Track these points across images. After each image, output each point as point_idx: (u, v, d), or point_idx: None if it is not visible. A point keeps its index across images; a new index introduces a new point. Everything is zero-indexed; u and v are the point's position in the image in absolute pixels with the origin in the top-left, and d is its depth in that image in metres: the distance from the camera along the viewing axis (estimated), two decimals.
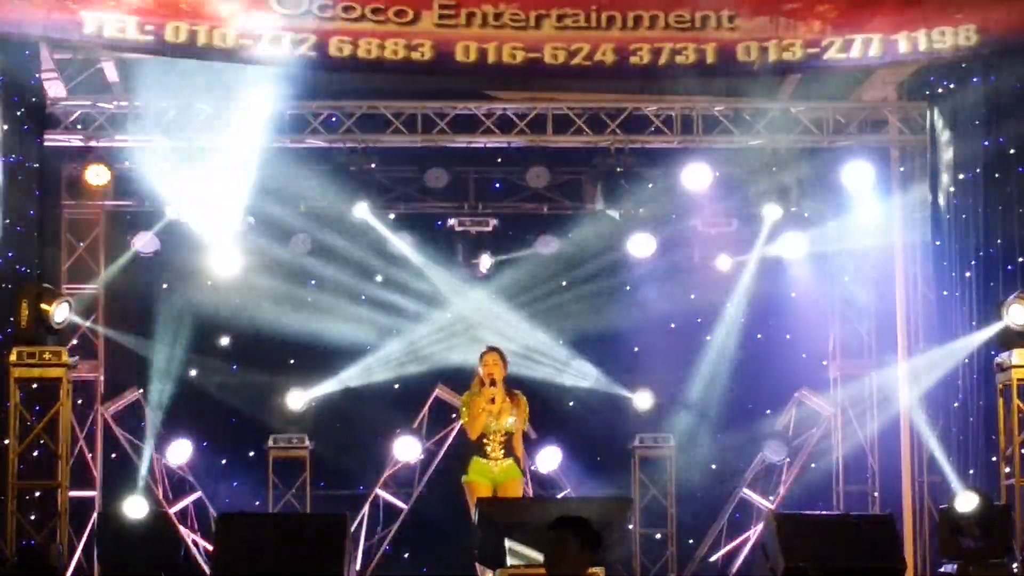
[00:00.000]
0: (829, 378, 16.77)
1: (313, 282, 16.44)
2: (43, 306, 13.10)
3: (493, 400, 12.14)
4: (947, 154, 14.85)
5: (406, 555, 16.47)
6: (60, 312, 13.21)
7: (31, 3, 12.70)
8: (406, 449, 16.24)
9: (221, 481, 16.25)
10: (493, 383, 12.16)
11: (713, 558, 16.43)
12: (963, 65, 14.03)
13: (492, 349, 12.47)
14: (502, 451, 12.20)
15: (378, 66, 13.17)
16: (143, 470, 15.72)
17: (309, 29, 12.88)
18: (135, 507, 12.84)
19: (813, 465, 16.58)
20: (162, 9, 12.76)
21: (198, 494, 16.07)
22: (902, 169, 16.13)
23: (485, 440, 12.21)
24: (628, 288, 16.76)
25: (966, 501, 12.52)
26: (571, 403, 16.68)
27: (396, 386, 16.57)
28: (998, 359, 13.17)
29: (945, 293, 14.75)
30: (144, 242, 15.90)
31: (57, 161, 15.45)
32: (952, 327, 14.58)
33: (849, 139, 15.87)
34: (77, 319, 14.46)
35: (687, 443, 16.50)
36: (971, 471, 14.09)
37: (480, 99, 15.52)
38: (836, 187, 15.99)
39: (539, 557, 7.25)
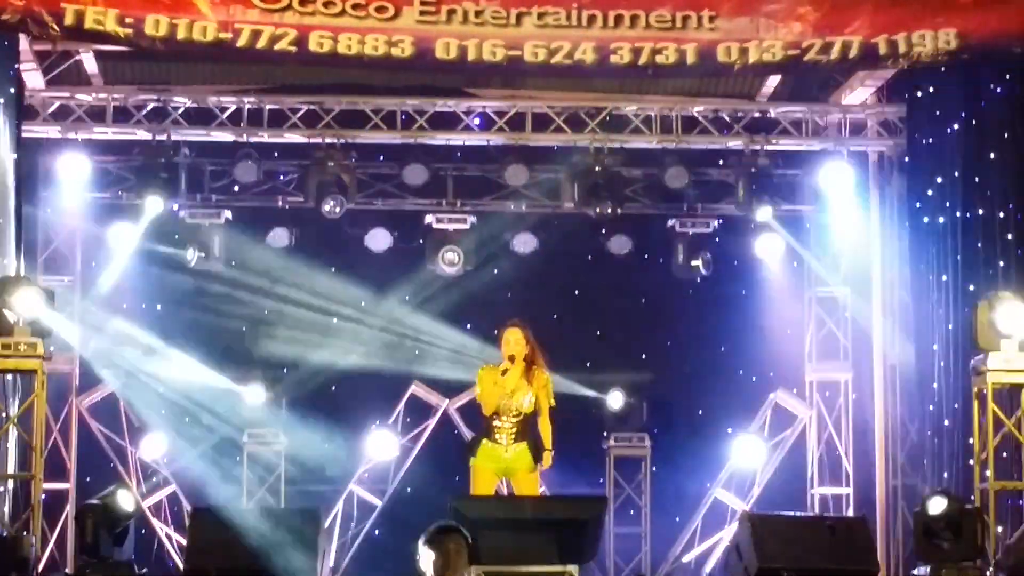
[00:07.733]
0: (805, 380, 16.79)
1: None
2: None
3: (505, 373, 11.31)
4: (925, 157, 14.88)
5: (380, 551, 16.42)
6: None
7: None
8: (381, 445, 16.22)
9: (195, 475, 16.17)
10: (511, 359, 11.33)
11: (687, 558, 16.44)
12: (943, 69, 14.03)
13: (512, 325, 11.49)
14: (513, 435, 11.41)
15: (358, 62, 13.17)
16: (117, 463, 15.70)
17: (289, 24, 12.87)
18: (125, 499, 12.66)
19: (788, 467, 16.60)
20: (142, 2, 12.73)
21: (172, 488, 16.04)
22: (880, 172, 16.17)
23: (496, 422, 11.43)
24: (606, 288, 16.72)
25: (936, 504, 12.54)
26: None
27: (372, 382, 16.53)
28: (973, 362, 13.20)
29: (922, 296, 14.78)
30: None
31: (35, 153, 15.39)
32: (928, 330, 14.62)
33: (827, 142, 15.95)
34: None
35: (661, 442, 16.51)
36: (945, 474, 14.14)
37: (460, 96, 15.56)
38: (813, 189, 16.09)
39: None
